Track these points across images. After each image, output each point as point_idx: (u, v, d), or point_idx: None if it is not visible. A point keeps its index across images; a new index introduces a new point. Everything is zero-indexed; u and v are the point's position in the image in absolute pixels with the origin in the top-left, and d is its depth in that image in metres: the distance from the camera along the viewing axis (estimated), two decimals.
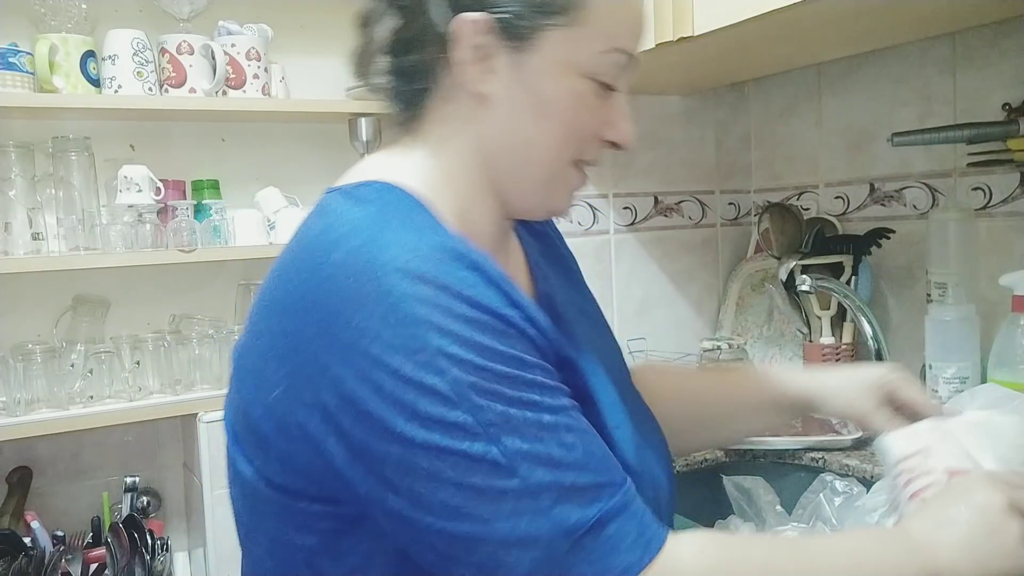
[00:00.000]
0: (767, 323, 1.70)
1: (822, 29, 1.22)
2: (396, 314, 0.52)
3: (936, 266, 1.27)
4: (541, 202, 0.69)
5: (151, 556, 1.30)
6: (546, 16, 0.62)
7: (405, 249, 0.55)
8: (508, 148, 0.66)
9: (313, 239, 0.60)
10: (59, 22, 1.39)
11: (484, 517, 0.51)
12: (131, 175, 1.40)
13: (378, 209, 0.60)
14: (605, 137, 0.67)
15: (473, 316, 0.54)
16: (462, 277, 0.55)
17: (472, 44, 0.62)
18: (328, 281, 0.55)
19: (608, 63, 0.64)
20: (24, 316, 1.45)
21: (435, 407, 0.51)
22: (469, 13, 0.61)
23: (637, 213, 1.72)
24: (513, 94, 0.64)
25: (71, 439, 1.46)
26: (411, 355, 0.52)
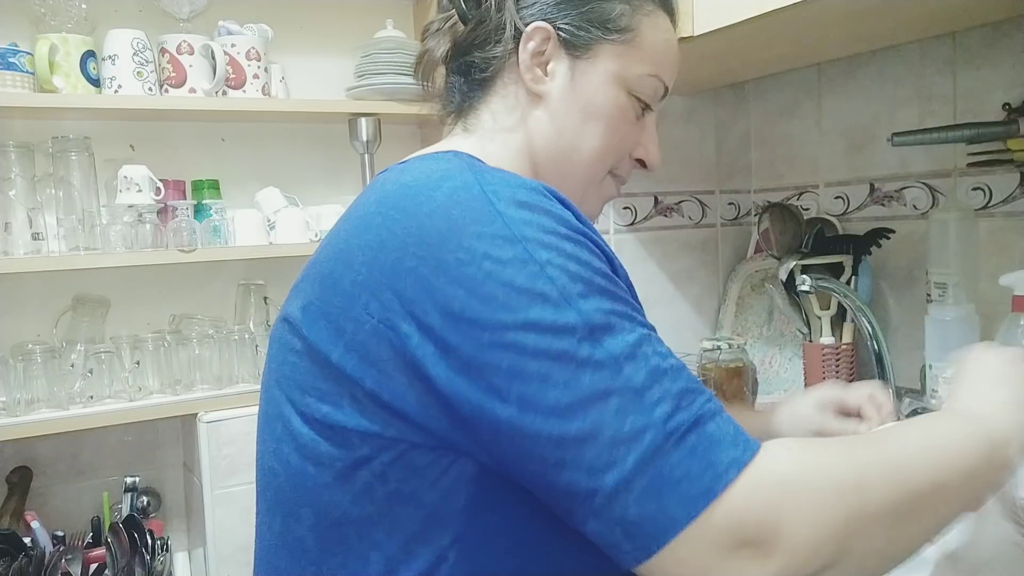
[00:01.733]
0: (767, 323, 1.70)
1: (822, 29, 1.22)
2: (505, 235, 0.56)
3: (936, 266, 1.27)
4: (576, 204, 0.71)
5: (151, 556, 1.30)
6: (606, 32, 0.72)
7: (506, 184, 0.60)
8: (554, 147, 0.74)
9: (403, 188, 0.62)
10: (59, 22, 1.39)
11: (593, 416, 0.53)
12: (131, 175, 1.40)
13: (466, 162, 0.64)
14: (636, 155, 0.77)
15: (574, 236, 0.59)
16: (559, 208, 0.60)
17: (536, 49, 0.72)
18: (434, 214, 0.58)
19: (649, 86, 0.75)
20: (24, 316, 1.45)
21: (546, 312, 0.55)
22: (542, 22, 0.72)
23: (637, 213, 1.72)
24: (565, 96, 0.73)
25: (71, 439, 1.46)
26: (521, 267, 0.55)
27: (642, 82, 0.74)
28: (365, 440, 0.59)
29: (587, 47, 0.73)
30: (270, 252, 1.49)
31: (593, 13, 0.73)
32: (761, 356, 1.68)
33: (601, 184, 0.77)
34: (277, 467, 0.64)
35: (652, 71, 0.75)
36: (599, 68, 0.73)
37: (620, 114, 0.74)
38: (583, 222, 0.61)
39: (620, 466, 0.52)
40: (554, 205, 0.60)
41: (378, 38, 1.59)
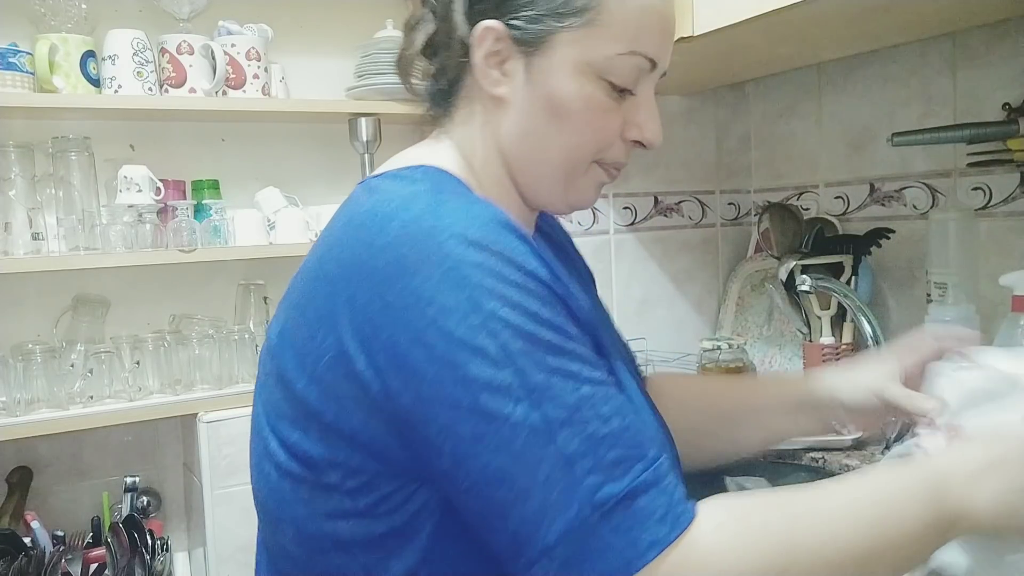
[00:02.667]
0: (767, 323, 1.70)
1: (822, 29, 1.22)
2: (453, 278, 0.54)
3: (936, 266, 1.27)
4: (561, 197, 0.71)
5: (151, 556, 1.30)
6: (559, 19, 0.64)
7: (460, 217, 0.57)
8: (524, 148, 0.69)
9: (365, 214, 0.61)
10: (59, 22, 1.39)
11: (522, 482, 0.53)
12: (131, 175, 1.40)
13: (429, 185, 0.63)
14: (629, 137, 0.69)
15: (524, 282, 0.56)
16: (515, 246, 0.57)
17: (488, 50, 0.66)
18: (386, 249, 0.57)
19: (625, 66, 0.66)
20: (24, 316, 1.45)
21: (484, 369, 0.53)
22: (486, 21, 0.65)
23: (637, 213, 1.72)
24: (527, 96, 0.67)
25: (71, 439, 1.46)
26: (464, 317, 0.54)
27: (613, 64, 0.65)
28: (332, 467, 0.60)
29: (540, 40, 0.65)
30: (270, 252, 1.49)
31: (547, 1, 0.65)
32: (761, 356, 1.68)
33: (587, 175, 0.70)
34: (260, 482, 0.66)
35: (625, 48, 0.65)
36: (556, 60, 0.65)
37: (589, 106, 0.66)
38: (540, 256, 0.59)
39: (544, 535, 0.52)
40: (510, 243, 0.57)
41: (378, 38, 1.59)
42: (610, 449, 0.54)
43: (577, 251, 0.90)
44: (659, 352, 1.65)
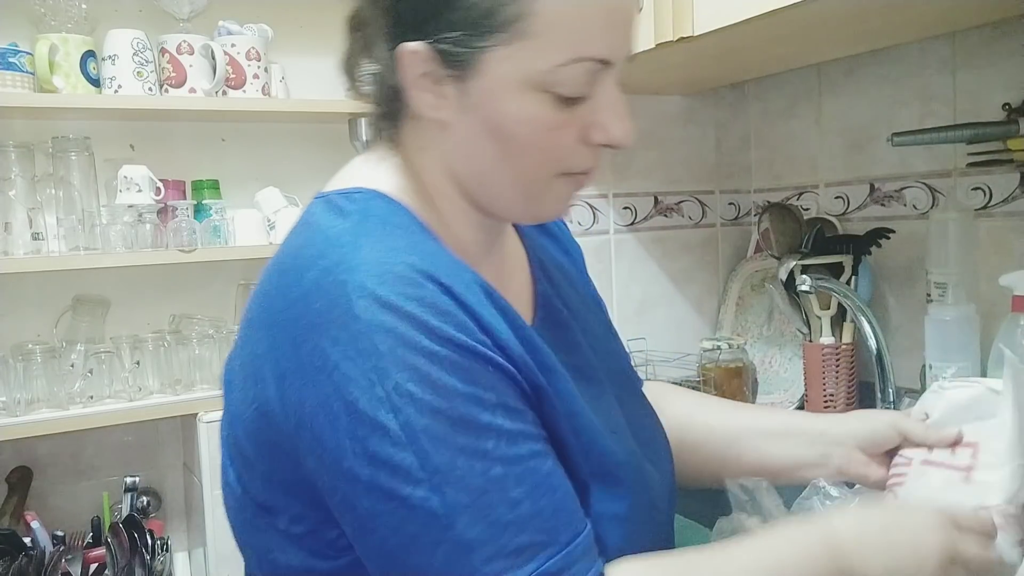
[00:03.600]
0: (767, 323, 1.70)
1: (822, 29, 1.22)
2: (359, 344, 0.51)
3: (936, 266, 1.27)
4: (524, 213, 0.66)
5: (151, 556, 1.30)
6: (484, 37, 0.56)
7: (375, 272, 0.54)
8: (474, 171, 0.63)
9: (292, 254, 0.59)
10: (59, 22, 1.39)
11: (414, 566, 0.52)
12: (131, 175, 1.40)
13: (356, 222, 0.59)
14: (593, 141, 0.61)
15: (435, 350, 0.52)
16: (431, 303, 0.53)
17: (417, 73, 0.59)
18: (301, 302, 0.55)
19: (572, 74, 0.57)
20: (24, 316, 1.45)
21: (384, 447, 0.51)
22: (409, 43, 0.58)
23: (637, 213, 1.72)
24: (467, 120, 0.60)
25: (71, 439, 1.46)
26: (369, 388, 0.51)
27: (557, 76, 0.57)
28: (277, 512, 0.60)
29: (469, 62, 0.57)
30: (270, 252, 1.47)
31: (467, 14, 0.56)
32: (761, 356, 1.68)
33: (550, 190, 0.63)
34: (226, 506, 0.67)
35: (567, 57, 0.56)
36: (491, 82, 0.57)
37: (535, 127, 0.58)
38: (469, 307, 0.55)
39: None
40: (427, 301, 0.53)
41: None
42: (516, 535, 0.52)
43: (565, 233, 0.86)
44: (659, 352, 1.65)
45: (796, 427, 0.84)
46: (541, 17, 0.55)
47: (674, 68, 1.45)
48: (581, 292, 0.81)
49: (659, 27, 1.22)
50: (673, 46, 1.21)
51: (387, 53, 0.60)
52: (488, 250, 0.68)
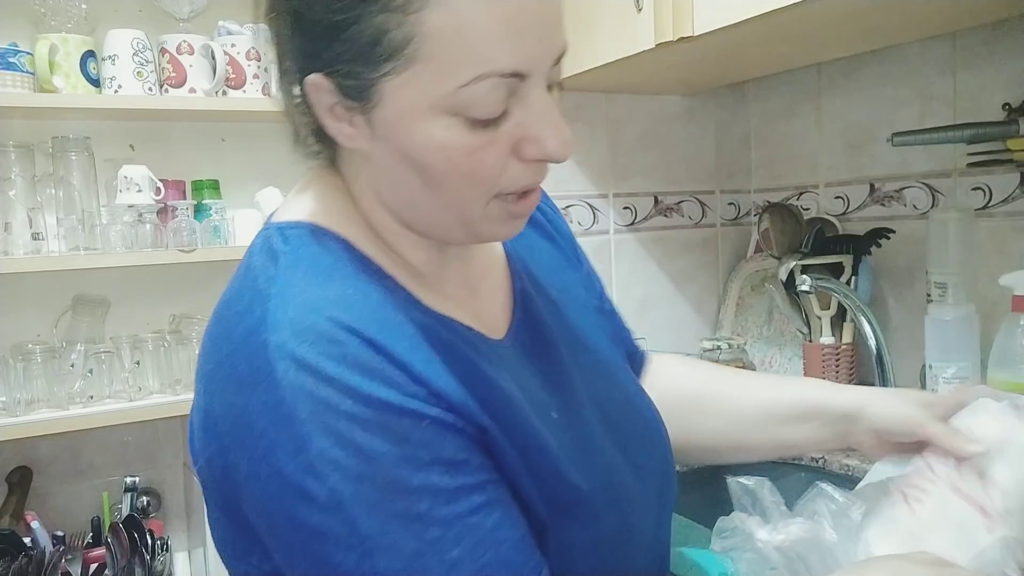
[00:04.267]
0: (767, 323, 1.70)
1: (822, 29, 1.22)
2: (282, 410, 0.50)
3: (936, 266, 1.27)
4: (466, 238, 0.62)
5: (151, 556, 1.30)
6: (375, 67, 0.52)
7: (296, 330, 0.52)
8: (400, 201, 0.60)
9: (227, 302, 0.58)
10: (59, 22, 1.39)
11: None
12: (131, 175, 1.39)
13: (285, 269, 0.57)
14: (527, 157, 0.55)
15: (359, 413, 0.50)
16: (354, 361, 0.52)
17: (325, 105, 0.56)
18: (229, 362, 0.54)
19: (479, 94, 0.52)
20: (24, 316, 1.45)
21: (311, 514, 0.50)
22: (313, 75, 0.55)
23: (637, 213, 1.72)
24: (384, 150, 0.56)
25: (71, 439, 1.46)
26: (294, 455, 0.50)
27: (462, 98, 0.52)
28: (247, 550, 0.59)
29: (366, 94, 0.53)
30: None
31: (354, 44, 0.52)
32: (761, 356, 1.68)
33: (487, 214, 0.58)
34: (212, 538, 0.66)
35: (470, 75, 0.51)
36: (394, 112, 0.53)
37: (450, 154, 0.54)
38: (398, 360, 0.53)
39: None
40: (351, 360, 0.51)
41: None
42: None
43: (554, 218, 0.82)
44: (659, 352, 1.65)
45: (819, 407, 0.79)
46: (432, 38, 0.50)
47: (674, 68, 1.46)
48: (564, 282, 0.78)
49: (659, 27, 1.22)
50: (673, 46, 1.21)
51: (295, 85, 0.57)
52: (444, 264, 0.65)
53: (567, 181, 1.64)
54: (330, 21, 0.52)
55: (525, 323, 0.69)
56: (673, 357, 0.92)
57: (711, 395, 0.85)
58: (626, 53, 1.30)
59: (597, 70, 1.38)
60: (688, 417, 0.84)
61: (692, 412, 0.84)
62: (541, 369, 0.67)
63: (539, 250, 0.78)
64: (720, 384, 0.86)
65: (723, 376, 0.88)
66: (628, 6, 1.27)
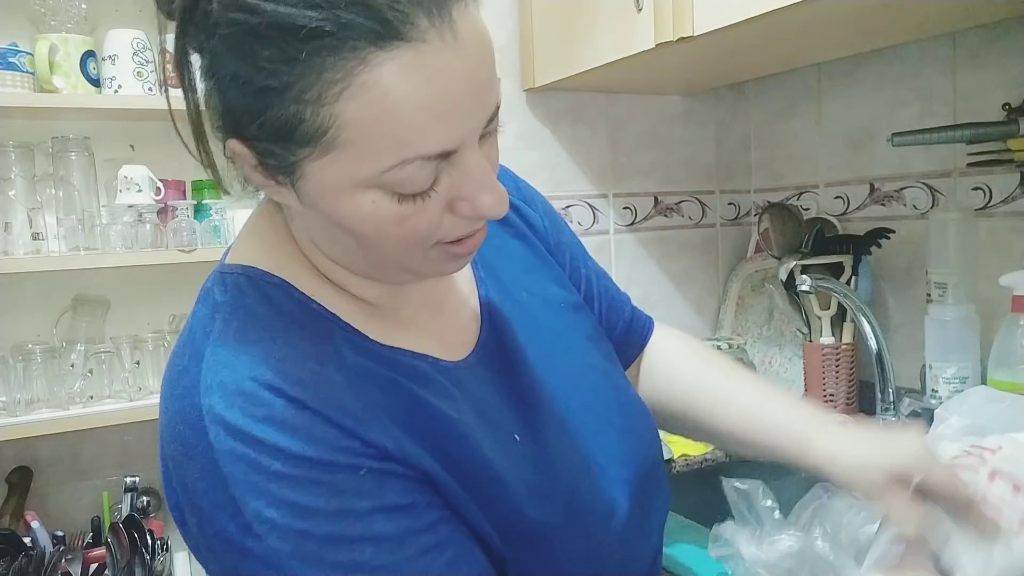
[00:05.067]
0: (767, 323, 1.70)
1: (822, 29, 1.22)
2: (217, 473, 0.52)
3: (936, 266, 1.27)
4: (411, 279, 0.62)
5: (151, 556, 1.30)
6: (292, 150, 0.50)
7: (225, 393, 0.53)
8: (338, 252, 0.59)
9: (174, 354, 0.59)
10: (59, 22, 1.39)
11: None
12: (131, 175, 1.39)
13: (221, 323, 0.57)
14: (461, 214, 0.54)
15: (288, 472, 0.51)
16: (280, 422, 0.52)
17: (248, 165, 0.54)
18: (172, 424, 0.55)
19: (406, 175, 0.50)
20: (24, 316, 1.45)
21: (256, 571, 0.51)
22: (232, 140, 0.53)
23: (637, 213, 1.72)
24: (311, 213, 0.55)
25: (71, 439, 1.46)
26: (233, 517, 0.51)
27: (387, 178, 0.50)
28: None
29: (287, 170, 0.52)
30: None
31: (271, 126, 0.50)
32: (761, 356, 1.68)
33: (427, 259, 0.57)
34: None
35: (393, 160, 0.49)
36: (317, 186, 0.52)
37: (379, 221, 0.52)
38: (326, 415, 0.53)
39: None
40: (273, 422, 0.51)
41: None
42: None
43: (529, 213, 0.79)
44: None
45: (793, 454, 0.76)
46: (350, 127, 0.48)
47: (674, 68, 1.45)
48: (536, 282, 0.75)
49: (659, 27, 1.22)
50: (673, 46, 1.21)
51: (222, 143, 0.55)
52: (400, 293, 0.64)
53: (567, 181, 1.64)
54: (245, 101, 0.50)
55: (492, 336, 0.67)
56: (668, 342, 0.90)
57: (695, 405, 0.84)
58: (626, 53, 1.30)
59: (597, 70, 1.38)
60: (674, 406, 0.84)
61: (676, 413, 0.84)
62: (507, 386, 0.65)
63: (508, 251, 0.76)
64: (705, 394, 0.84)
65: (709, 382, 0.85)
66: (628, 6, 1.27)
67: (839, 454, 0.71)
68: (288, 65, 0.47)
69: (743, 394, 0.82)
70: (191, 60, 0.56)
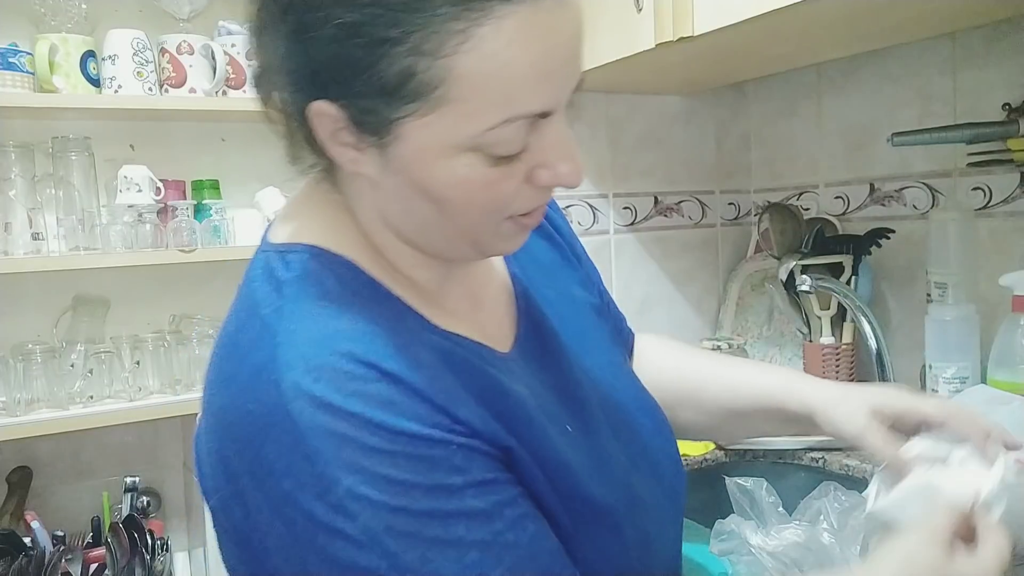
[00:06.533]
0: (767, 323, 1.70)
1: (822, 29, 1.22)
2: (303, 449, 0.49)
3: (936, 266, 1.27)
4: (473, 256, 0.63)
5: (151, 556, 1.30)
6: (397, 107, 0.50)
7: (310, 368, 0.51)
8: (410, 227, 0.59)
9: (231, 338, 0.57)
10: (59, 22, 1.39)
11: None
12: (131, 175, 1.40)
13: (291, 298, 0.56)
14: (539, 183, 0.55)
15: (385, 447, 0.50)
16: (374, 397, 0.51)
17: (330, 131, 0.54)
18: (238, 402, 0.53)
19: (505, 134, 0.51)
20: (24, 316, 1.45)
21: (346, 551, 0.49)
22: (319, 102, 0.52)
23: (637, 213, 1.72)
24: (392, 180, 0.55)
25: (71, 439, 1.46)
26: (321, 496, 0.49)
27: (486, 139, 0.51)
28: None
29: (383, 130, 0.52)
30: None
31: (379, 82, 0.49)
32: (761, 356, 1.68)
33: (496, 233, 0.58)
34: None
35: (497, 119, 0.50)
36: (412, 149, 0.52)
37: (468, 189, 0.53)
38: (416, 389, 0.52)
39: None
40: (371, 396, 0.50)
41: None
42: None
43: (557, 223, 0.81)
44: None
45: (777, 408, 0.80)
46: (463, 81, 0.49)
47: (674, 68, 1.46)
48: (562, 281, 0.77)
49: (659, 27, 1.22)
50: (673, 46, 1.21)
51: (299, 107, 0.54)
52: (448, 279, 0.65)
53: None
54: (349, 56, 0.49)
55: (530, 332, 0.68)
56: (649, 342, 0.92)
57: (684, 387, 0.86)
58: (626, 53, 1.30)
59: (597, 70, 1.38)
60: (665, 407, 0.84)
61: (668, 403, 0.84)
62: (551, 380, 0.66)
63: (536, 249, 0.77)
64: (692, 375, 0.87)
65: (694, 365, 0.89)
66: (628, 6, 1.27)
67: (821, 396, 0.76)
68: (409, 14, 0.47)
69: (725, 368, 0.86)
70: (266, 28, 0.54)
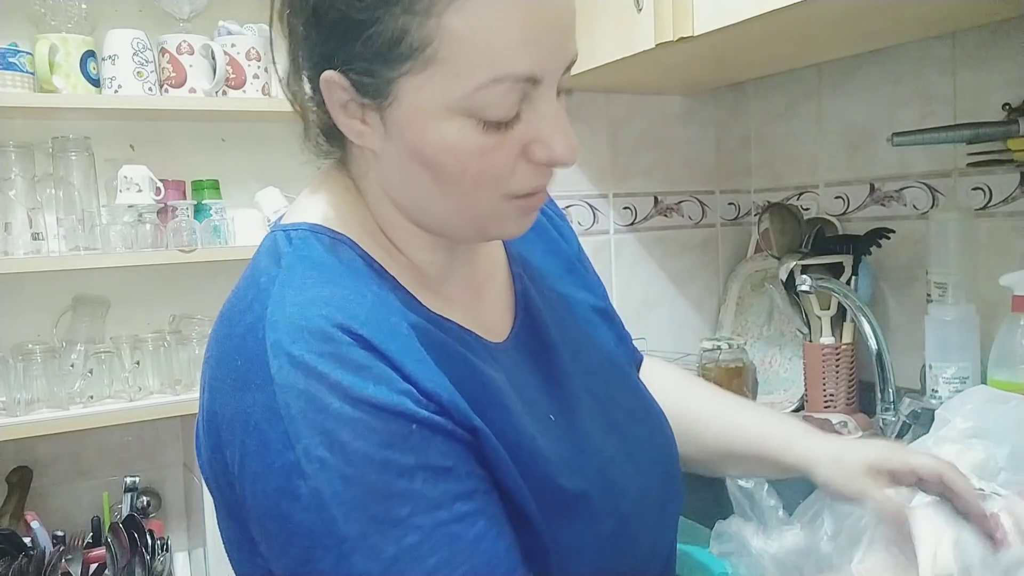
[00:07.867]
0: (767, 323, 1.70)
1: (822, 29, 1.22)
2: (273, 406, 0.51)
3: (936, 266, 1.27)
4: (477, 236, 0.64)
5: (151, 556, 1.30)
6: (392, 66, 0.54)
7: (291, 328, 0.53)
8: (410, 200, 0.61)
9: (232, 301, 0.60)
10: (59, 22, 1.39)
11: None
12: (131, 175, 1.40)
13: (286, 268, 0.58)
14: (536, 159, 0.57)
15: (346, 413, 0.51)
16: (344, 359, 0.52)
17: (339, 101, 0.57)
18: (228, 357, 0.56)
19: (494, 96, 0.54)
20: (24, 316, 1.45)
21: (295, 511, 0.51)
22: (329, 71, 0.56)
23: (637, 213, 1.72)
24: (395, 148, 0.58)
25: (71, 439, 1.46)
26: (282, 452, 0.51)
27: (476, 100, 0.54)
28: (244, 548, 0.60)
29: (383, 91, 0.55)
30: None
31: (373, 43, 0.53)
32: (761, 356, 1.68)
33: (496, 213, 0.60)
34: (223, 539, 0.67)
35: (486, 78, 0.53)
36: (408, 110, 0.55)
37: (460, 154, 0.55)
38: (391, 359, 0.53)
39: None
40: (337, 358, 0.52)
41: None
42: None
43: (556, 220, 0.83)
44: (659, 352, 1.65)
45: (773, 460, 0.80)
46: (451, 40, 0.52)
47: (674, 68, 1.45)
48: (566, 285, 0.78)
49: (659, 27, 1.22)
50: (673, 46, 1.21)
51: (315, 84, 0.59)
52: (450, 266, 0.66)
53: (567, 181, 1.64)
54: (351, 20, 0.53)
55: (526, 326, 0.69)
56: (655, 367, 0.93)
57: (686, 419, 0.86)
58: (626, 53, 1.30)
59: (597, 70, 1.38)
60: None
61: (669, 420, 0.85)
62: (542, 371, 0.67)
63: (541, 253, 0.79)
64: (695, 410, 0.88)
65: (699, 400, 0.89)
66: (628, 6, 1.27)
67: (818, 453, 0.76)
68: None
69: (728, 408, 0.87)
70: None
